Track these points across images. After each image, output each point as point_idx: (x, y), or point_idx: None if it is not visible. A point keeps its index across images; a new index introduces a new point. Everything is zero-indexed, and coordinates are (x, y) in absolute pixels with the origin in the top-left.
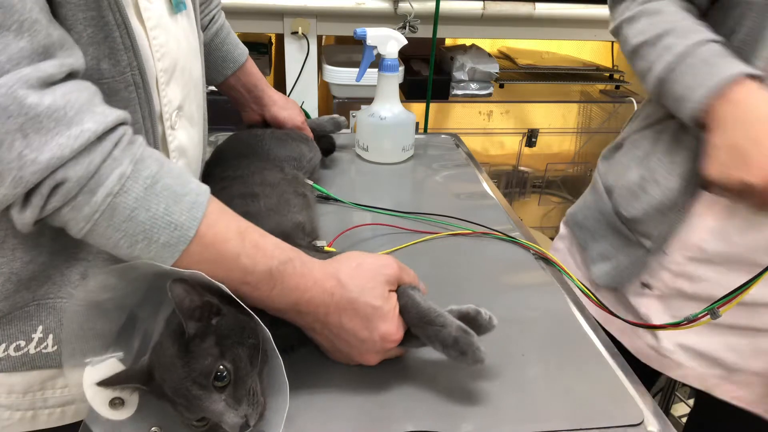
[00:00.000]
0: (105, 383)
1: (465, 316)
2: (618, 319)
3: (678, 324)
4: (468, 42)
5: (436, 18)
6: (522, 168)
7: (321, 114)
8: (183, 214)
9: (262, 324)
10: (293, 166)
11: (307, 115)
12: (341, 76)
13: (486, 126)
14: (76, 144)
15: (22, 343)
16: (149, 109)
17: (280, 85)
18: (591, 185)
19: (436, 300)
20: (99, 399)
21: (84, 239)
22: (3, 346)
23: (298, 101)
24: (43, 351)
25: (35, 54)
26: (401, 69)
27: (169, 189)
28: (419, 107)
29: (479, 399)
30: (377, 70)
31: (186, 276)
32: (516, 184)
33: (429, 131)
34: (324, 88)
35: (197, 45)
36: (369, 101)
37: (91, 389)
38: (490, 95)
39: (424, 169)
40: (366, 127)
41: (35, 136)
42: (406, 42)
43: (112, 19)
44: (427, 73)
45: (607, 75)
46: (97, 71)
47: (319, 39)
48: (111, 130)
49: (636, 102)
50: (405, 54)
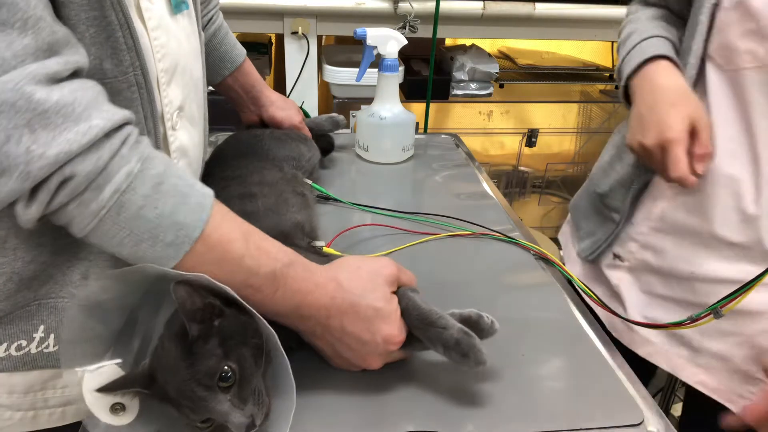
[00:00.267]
0: (105, 389)
1: (467, 320)
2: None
3: (681, 323)
4: (468, 42)
5: (436, 18)
6: (522, 168)
7: (321, 114)
8: (189, 214)
9: (266, 324)
10: (292, 165)
11: (307, 115)
12: (341, 76)
13: (486, 126)
14: (84, 140)
15: (23, 343)
16: (151, 110)
17: (280, 85)
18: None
19: (435, 301)
20: (100, 405)
21: (86, 238)
22: (4, 345)
23: (298, 101)
24: (45, 351)
25: (40, 51)
26: (401, 69)
27: (176, 189)
28: (419, 107)
29: (479, 399)
30: (377, 70)
31: (190, 279)
32: (516, 184)
33: (429, 131)
34: (324, 88)
35: (198, 45)
36: (369, 101)
37: (92, 395)
38: (490, 95)
39: (424, 169)
40: (366, 127)
41: (43, 131)
42: (406, 42)
43: (114, 19)
44: (427, 73)
45: (607, 75)
46: (100, 71)
47: (319, 39)
48: (118, 128)
49: None
50: (405, 54)
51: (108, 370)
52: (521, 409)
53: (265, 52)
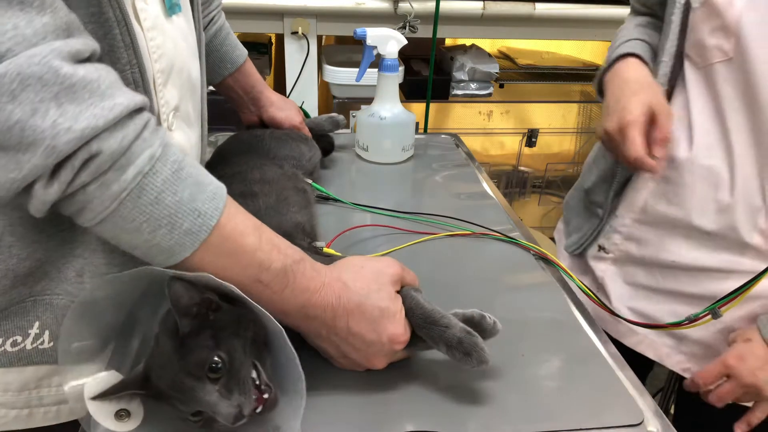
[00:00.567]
0: (103, 395)
1: (469, 320)
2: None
3: (679, 324)
4: (468, 42)
5: (436, 18)
6: (522, 168)
7: (321, 114)
8: (206, 202)
9: (275, 321)
10: (293, 165)
11: (307, 115)
12: (341, 76)
13: (486, 126)
14: (110, 115)
15: (18, 339)
16: (149, 109)
17: (280, 85)
18: None
19: (436, 301)
20: (103, 412)
21: (98, 226)
22: (0, 341)
23: (298, 101)
24: (40, 347)
25: (59, 30)
26: (401, 69)
27: (193, 177)
28: (419, 107)
29: (479, 399)
30: (377, 70)
31: (191, 278)
32: (516, 184)
33: (429, 131)
34: (324, 88)
35: (195, 45)
36: (369, 101)
37: (93, 404)
38: (490, 95)
39: (424, 169)
40: (366, 127)
41: (70, 105)
42: (406, 42)
43: (112, 16)
44: (427, 73)
45: None
46: None
47: (319, 39)
48: (139, 110)
49: None
50: (405, 54)
51: (107, 376)
52: (521, 409)
53: (265, 52)
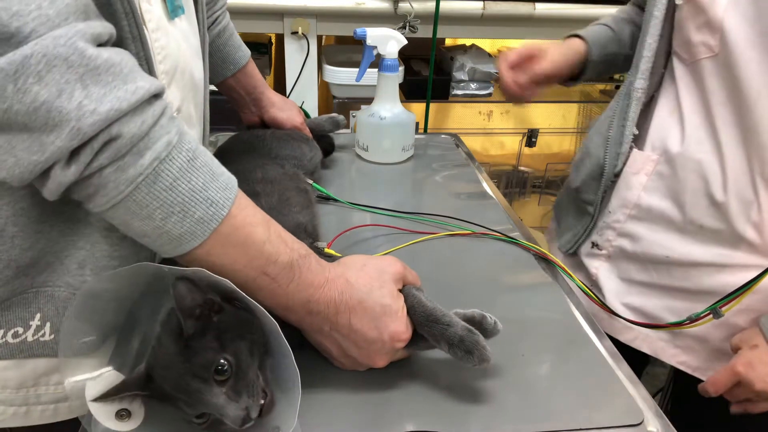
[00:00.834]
0: (104, 396)
1: (470, 320)
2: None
3: (680, 323)
4: (468, 42)
5: (436, 18)
6: (522, 168)
7: (321, 114)
8: (219, 192)
9: (269, 316)
10: (294, 164)
11: (307, 115)
12: (341, 76)
13: (486, 126)
14: (133, 98)
15: (20, 330)
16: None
17: (280, 85)
18: None
19: (436, 300)
20: (104, 412)
21: (110, 212)
22: (1, 332)
23: (298, 101)
24: (41, 339)
25: (79, 12)
26: (401, 69)
27: (207, 166)
28: (419, 107)
29: (479, 399)
30: (377, 70)
31: (189, 274)
32: (516, 184)
33: (429, 131)
34: (324, 88)
35: (198, 46)
36: (369, 101)
37: (95, 404)
38: (490, 95)
39: (424, 169)
40: (366, 127)
41: (94, 87)
42: (406, 42)
43: (120, 8)
44: (427, 73)
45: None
46: None
47: (319, 39)
48: (158, 95)
49: None
50: (405, 54)
51: (108, 376)
52: (521, 409)
53: (265, 52)
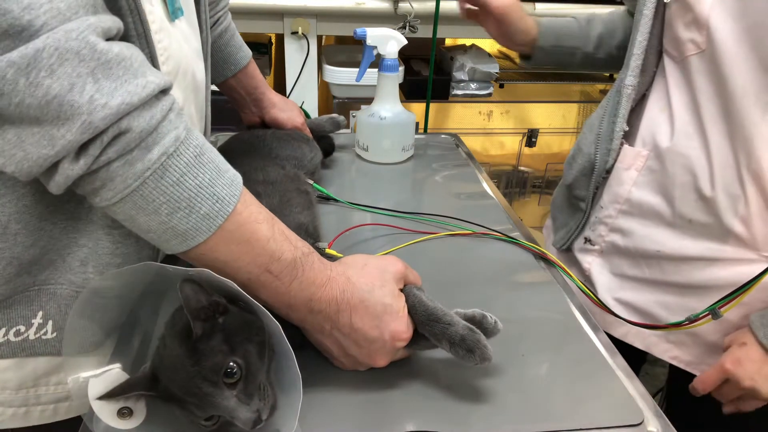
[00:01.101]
0: (109, 395)
1: (471, 319)
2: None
3: (680, 324)
4: (468, 42)
5: (436, 18)
6: (522, 168)
7: (321, 114)
8: (224, 188)
9: (270, 316)
10: (294, 165)
11: (307, 116)
12: (341, 76)
13: (486, 126)
14: (143, 93)
15: (22, 328)
16: None
17: (280, 85)
18: None
19: (437, 300)
20: (106, 411)
21: (115, 207)
22: (3, 330)
23: (298, 101)
24: (43, 337)
25: (89, 5)
26: (401, 69)
27: (213, 162)
28: (419, 107)
29: (479, 399)
30: (377, 70)
31: (193, 275)
32: (516, 184)
33: (429, 131)
34: (324, 88)
35: (199, 47)
36: (369, 101)
37: (97, 402)
38: (490, 95)
39: (424, 169)
40: (366, 127)
41: (106, 81)
42: (406, 42)
43: (125, 4)
44: (427, 73)
45: (607, 75)
46: None
47: (319, 39)
48: (166, 90)
49: None
50: (405, 54)
51: (112, 375)
52: (521, 409)
53: (265, 52)
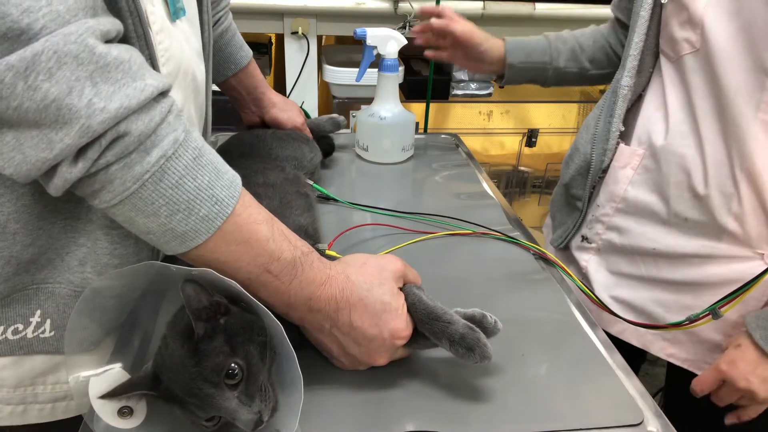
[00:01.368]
0: (111, 394)
1: (471, 319)
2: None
3: (680, 324)
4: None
5: None
6: (522, 168)
7: (321, 114)
8: (223, 189)
9: (272, 316)
10: (294, 165)
11: (307, 116)
12: (341, 76)
13: (486, 126)
14: (142, 96)
15: (20, 327)
16: None
17: (280, 85)
18: None
19: (436, 300)
20: (107, 410)
21: (115, 208)
22: (1, 328)
23: (298, 101)
24: (41, 336)
25: (88, 8)
26: (401, 69)
27: (212, 164)
28: (419, 107)
29: (479, 399)
30: (377, 70)
31: (195, 275)
32: (516, 184)
33: (429, 131)
34: (324, 88)
35: (200, 47)
36: (369, 101)
37: (98, 401)
38: (490, 95)
39: (424, 169)
40: (366, 127)
41: (104, 85)
42: (406, 42)
43: (124, 5)
44: (427, 73)
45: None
46: None
47: (319, 39)
48: (165, 92)
49: None
50: (405, 54)
51: (113, 374)
52: (521, 409)
53: (265, 52)
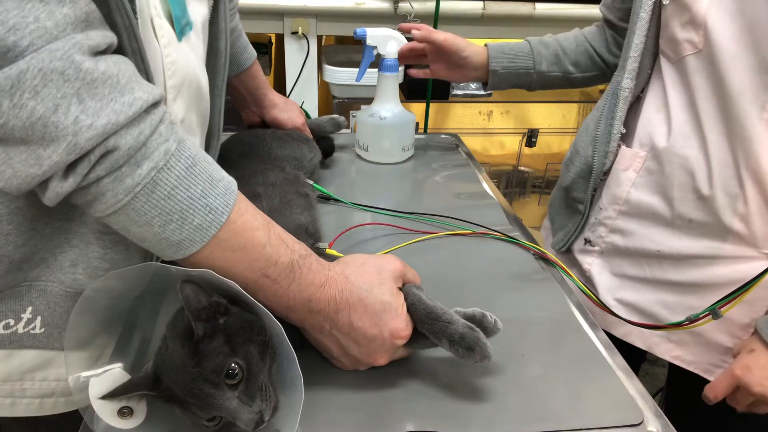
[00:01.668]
0: (111, 395)
1: (471, 318)
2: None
3: (680, 324)
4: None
5: (436, 18)
6: (522, 168)
7: (321, 114)
8: (218, 198)
9: (272, 317)
10: (294, 165)
11: (308, 115)
12: (341, 76)
13: (486, 126)
14: (130, 111)
15: (11, 322)
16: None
17: (280, 85)
18: None
19: (436, 300)
20: (107, 410)
21: (109, 217)
22: None
23: (298, 101)
24: (31, 332)
25: (78, 21)
26: (401, 69)
27: (206, 172)
28: (419, 107)
29: (479, 399)
30: (377, 70)
31: (195, 276)
32: (516, 184)
33: (429, 131)
34: (324, 88)
35: (203, 55)
36: (369, 101)
37: (98, 402)
38: (490, 95)
39: (424, 169)
40: (366, 127)
41: (91, 101)
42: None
43: (120, 21)
44: None
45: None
46: None
47: (319, 39)
48: (156, 104)
49: None
50: None
51: (113, 374)
52: (521, 409)
53: (265, 52)
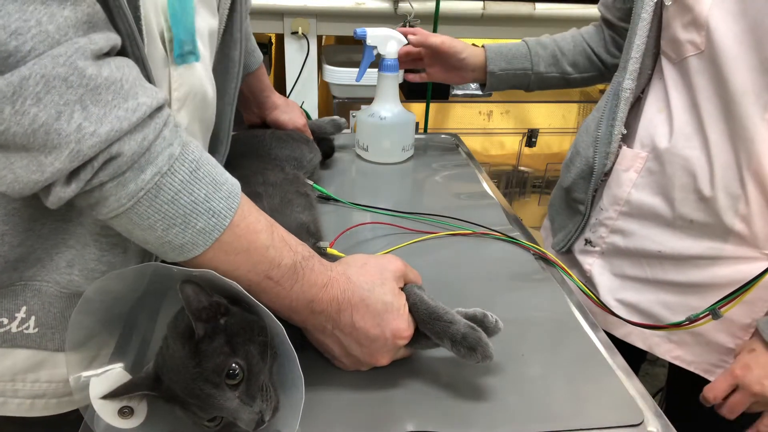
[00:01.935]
0: (112, 395)
1: (472, 318)
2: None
3: (680, 324)
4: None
5: (436, 18)
6: (522, 168)
7: (321, 114)
8: (221, 201)
9: (273, 317)
10: (294, 166)
11: (308, 116)
12: (341, 76)
13: (486, 126)
14: (133, 117)
15: (5, 321)
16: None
17: (280, 85)
18: None
19: (437, 300)
20: (107, 410)
21: (113, 221)
22: None
23: (298, 101)
24: (25, 331)
25: (80, 23)
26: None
27: (210, 176)
28: (419, 107)
29: (479, 399)
30: (377, 70)
31: (196, 276)
32: (516, 184)
33: (429, 131)
34: (324, 88)
35: (211, 63)
36: (369, 101)
37: (99, 402)
38: (490, 95)
39: (424, 169)
40: (366, 127)
41: (94, 108)
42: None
43: (122, 27)
44: None
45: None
46: None
47: (319, 39)
48: (160, 108)
49: None
50: None
51: (114, 374)
52: (521, 409)
53: (265, 52)
